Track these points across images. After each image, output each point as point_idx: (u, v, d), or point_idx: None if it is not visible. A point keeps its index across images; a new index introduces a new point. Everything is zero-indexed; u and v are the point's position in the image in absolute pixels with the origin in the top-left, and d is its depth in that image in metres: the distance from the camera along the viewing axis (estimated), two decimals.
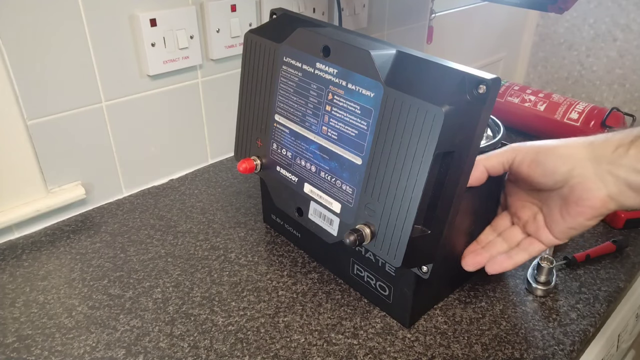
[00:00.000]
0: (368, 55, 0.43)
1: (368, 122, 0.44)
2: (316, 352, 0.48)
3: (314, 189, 0.51)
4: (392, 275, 0.50)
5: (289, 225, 0.62)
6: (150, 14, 0.66)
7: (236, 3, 0.75)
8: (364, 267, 0.53)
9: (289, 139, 0.52)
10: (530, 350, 0.49)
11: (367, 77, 0.43)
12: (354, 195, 0.47)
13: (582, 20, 1.57)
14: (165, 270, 0.59)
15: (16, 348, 0.49)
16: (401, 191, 0.42)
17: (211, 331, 0.51)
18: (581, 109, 0.85)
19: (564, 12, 0.68)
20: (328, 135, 0.48)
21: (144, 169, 0.76)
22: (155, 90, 0.72)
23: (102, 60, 0.65)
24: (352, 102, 0.45)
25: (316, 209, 0.51)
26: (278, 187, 0.55)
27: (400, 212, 0.42)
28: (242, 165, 0.55)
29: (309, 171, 0.51)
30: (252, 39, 0.54)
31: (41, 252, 0.62)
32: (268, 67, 0.53)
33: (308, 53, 0.48)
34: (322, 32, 0.48)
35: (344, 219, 0.48)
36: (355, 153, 0.46)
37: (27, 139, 0.62)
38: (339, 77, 0.46)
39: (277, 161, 0.54)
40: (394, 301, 0.51)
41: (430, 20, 1.17)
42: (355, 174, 0.46)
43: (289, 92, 0.51)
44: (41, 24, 0.59)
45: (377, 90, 0.43)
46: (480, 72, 0.39)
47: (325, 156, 0.49)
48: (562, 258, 0.60)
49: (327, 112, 0.48)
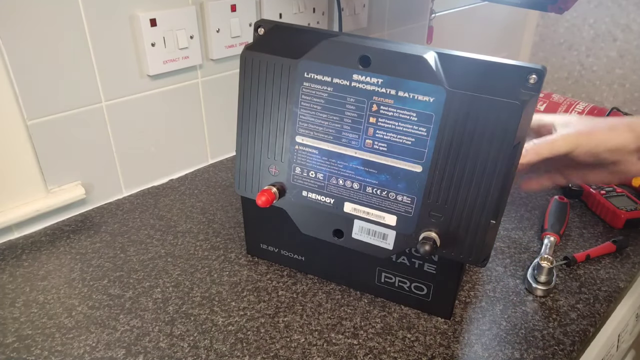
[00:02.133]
0: (422, 60, 0.43)
1: (428, 128, 0.44)
2: (316, 352, 0.48)
3: (358, 206, 0.49)
4: (432, 273, 0.51)
5: (287, 251, 0.58)
6: (150, 14, 0.66)
7: (236, 3, 0.75)
8: (394, 274, 0.53)
9: (318, 159, 0.49)
10: (530, 350, 0.49)
11: (423, 82, 0.43)
12: (413, 205, 0.46)
13: (582, 20, 1.57)
14: (165, 270, 0.59)
15: (16, 348, 0.49)
16: (476, 190, 0.43)
17: (211, 331, 0.51)
18: (581, 109, 0.85)
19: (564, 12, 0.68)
20: (375, 149, 0.47)
21: (143, 169, 0.76)
22: (155, 90, 0.72)
23: (102, 60, 0.65)
24: (406, 110, 0.44)
25: (363, 226, 0.50)
26: (305, 213, 0.52)
27: (476, 210, 0.44)
28: (260, 198, 0.50)
29: (350, 189, 0.49)
30: (254, 56, 0.49)
31: (41, 252, 0.62)
32: (281, 86, 0.49)
33: (340, 65, 0.46)
34: (350, 41, 0.46)
35: (401, 230, 0.48)
36: (413, 161, 0.45)
37: (27, 139, 0.62)
38: (386, 86, 0.45)
39: (303, 185, 0.51)
40: (434, 298, 0.52)
41: (430, 20, 1.17)
42: (415, 183, 0.46)
43: (315, 109, 0.48)
44: (41, 24, 0.59)
45: (437, 95, 0.43)
46: (527, 63, 0.41)
47: (372, 170, 0.47)
48: (562, 258, 0.60)
49: (372, 124, 0.46)
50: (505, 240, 0.65)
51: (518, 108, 0.40)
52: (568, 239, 0.65)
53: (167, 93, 0.74)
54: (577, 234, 0.66)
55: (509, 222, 0.68)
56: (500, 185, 0.43)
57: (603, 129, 0.51)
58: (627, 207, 0.67)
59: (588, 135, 0.51)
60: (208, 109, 0.80)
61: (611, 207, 0.68)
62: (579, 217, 0.70)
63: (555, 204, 0.69)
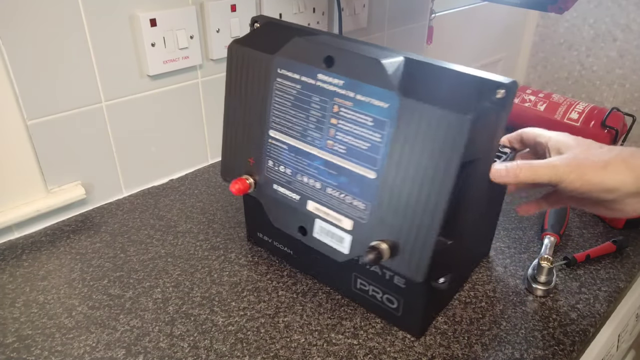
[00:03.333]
0: (378, 64, 0.41)
1: (382, 135, 0.42)
2: (316, 352, 0.48)
3: (319, 206, 0.48)
4: (401, 287, 0.48)
5: (278, 243, 0.59)
6: (150, 14, 0.66)
7: (236, 3, 0.75)
8: (368, 281, 0.51)
9: (287, 155, 0.50)
10: (530, 350, 0.49)
11: (378, 87, 0.41)
12: (367, 211, 0.45)
13: (582, 20, 1.57)
14: (165, 270, 0.59)
15: (16, 348, 0.49)
16: (423, 204, 0.40)
17: (211, 331, 0.51)
18: (581, 109, 0.85)
19: (564, 12, 0.68)
20: (334, 150, 0.46)
21: (144, 169, 0.75)
22: (155, 90, 0.72)
23: (102, 60, 0.65)
24: (363, 114, 0.43)
25: (323, 227, 0.49)
26: (276, 207, 0.53)
27: (423, 225, 0.41)
28: (234, 186, 0.52)
29: (313, 188, 0.48)
30: (238, 50, 0.51)
31: (41, 252, 0.62)
32: (259, 80, 0.50)
33: (307, 64, 0.46)
34: (321, 40, 0.46)
35: (356, 235, 0.46)
36: (368, 167, 0.44)
37: (27, 139, 0.62)
38: (346, 88, 0.44)
39: (274, 179, 0.52)
40: (404, 313, 0.50)
41: (430, 21, 1.17)
42: (368, 189, 0.44)
43: (285, 105, 0.48)
44: (41, 24, 0.59)
45: (391, 101, 0.41)
46: (497, 76, 0.38)
47: (332, 171, 0.46)
48: (562, 258, 0.60)
49: (333, 125, 0.45)
50: (505, 240, 0.65)
51: (466, 123, 0.37)
52: (568, 239, 0.65)
53: (167, 93, 0.74)
54: (577, 234, 0.66)
55: (509, 222, 0.68)
56: (450, 203, 0.39)
57: (596, 167, 0.43)
58: None
59: (578, 170, 0.43)
60: (208, 109, 0.80)
61: None
62: (579, 217, 0.70)
63: None
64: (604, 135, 0.81)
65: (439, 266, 0.43)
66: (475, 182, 0.40)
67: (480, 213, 0.50)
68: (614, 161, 0.43)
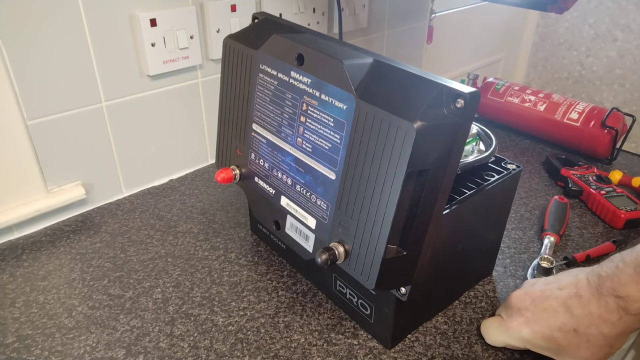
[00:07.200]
0: (340, 65, 0.41)
1: (341, 136, 0.42)
2: (316, 352, 0.48)
3: (290, 202, 0.49)
4: (372, 294, 0.48)
5: (274, 236, 0.60)
6: (150, 14, 0.66)
7: (236, 3, 0.75)
8: (346, 284, 0.51)
9: (266, 149, 0.50)
10: (530, 350, 0.49)
11: (339, 88, 0.41)
12: (328, 212, 0.44)
13: (582, 20, 1.57)
14: (165, 270, 0.59)
15: (16, 348, 0.49)
16: (374, 210, 0.39)
17: (211, 331, 0.51)
18: (581, 109, 0.85)
19: (564, 12, 0.68)
20: (303, 148, 0.46)
21: (144, 169, 0.76)
22: (155, 90, 0.72)
23: (102, 60, 0.65)
24: (326, 114, 0.43)
25: (292, 223, 0.49)
26: (257, 199, 0.53)
27: (374, 231, 0.40)
28: (220, 175, 0.53)
29: (285, 184, 0.49)
30: (230, 44, 0.52)
31: (41, 252, 0.62)
32: (245, 74, 0.51)
33: (283, 61, 0.46)
34: (297, 39, 0.46)
35: (318, 235, 0.46)
36: (329, 167, 0.44)
37: (27, 139, 0.62)
38: (313, 87, 0.44)
39: (255, 172, 0.52)
40: (375, 321, 0.49)
41: (430, 20, 1.17)
42: (330, 190, 0.44)
43: (265, 101, 0.49)
44: (41, 24, 0.59)
45: (349, 103, 0.40)
46: (459, 85, 0.37)
47: (301, 169, 0.47)
48: (562, 258, 0.60)
49: (302, 123, 0.46)
50: (505, 240, 0.65)
51: (413, 130, 0.35)
52: (568, 239, 0.65)
53: (167, 93, 0.74)
54: (577, 234, 0.66)
55: (509, 222, 0.68)
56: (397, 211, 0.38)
57: (571, 344, 0.44)
58: (627, 207, 0.67)
59: (548, 345, 0.44)
60: (208, 109, 0.80)
61: (611, 207, 0.68)
62: (579, 217, 0.70)
63: (555, 204, 0.69)
64: (604, 135, 0.81)
65: (395, 275, 0.42)
66: (430, 195, 0.39)
67: (464, 229, 0.49)
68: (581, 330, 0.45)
